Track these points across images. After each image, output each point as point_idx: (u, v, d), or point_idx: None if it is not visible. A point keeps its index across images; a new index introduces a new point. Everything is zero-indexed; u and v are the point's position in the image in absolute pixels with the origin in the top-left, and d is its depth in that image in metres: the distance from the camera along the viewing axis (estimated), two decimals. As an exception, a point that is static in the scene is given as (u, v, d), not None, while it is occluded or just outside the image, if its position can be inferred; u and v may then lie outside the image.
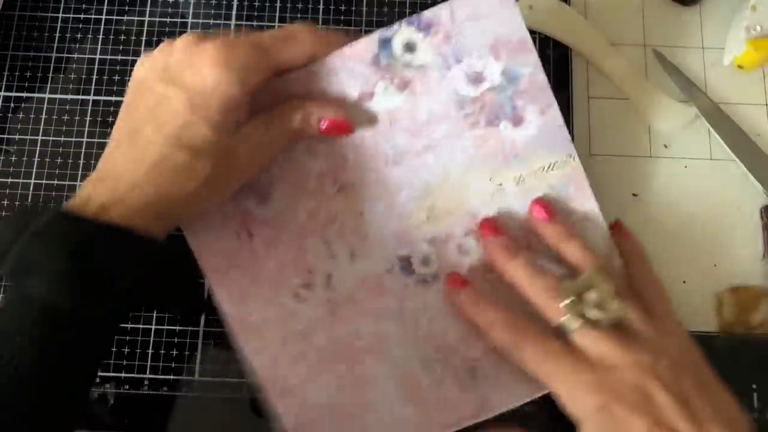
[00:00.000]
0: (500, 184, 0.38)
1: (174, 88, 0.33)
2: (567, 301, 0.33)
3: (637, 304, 0.34)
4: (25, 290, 0.30)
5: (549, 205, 0.37)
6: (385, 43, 0.37)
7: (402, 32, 0.37)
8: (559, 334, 0.34)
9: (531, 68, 0.38)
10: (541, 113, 0.38)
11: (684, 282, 0.41)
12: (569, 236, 0.36)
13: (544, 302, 0.35)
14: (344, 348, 0.38)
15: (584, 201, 0.38)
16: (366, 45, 0.37)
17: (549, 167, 0.38)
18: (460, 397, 0.37)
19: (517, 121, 0.38)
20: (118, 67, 0.45)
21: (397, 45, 0.37)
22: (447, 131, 0.39)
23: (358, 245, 0.39)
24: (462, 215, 0.39)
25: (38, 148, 0.43)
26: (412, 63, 0.37)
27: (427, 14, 0.37)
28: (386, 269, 0.39)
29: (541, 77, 0.38)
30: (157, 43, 0.45)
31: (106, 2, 0.46)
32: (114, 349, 0.41)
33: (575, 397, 0.33)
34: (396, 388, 0.37)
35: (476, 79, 0.38)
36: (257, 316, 0.37)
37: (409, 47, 0.37)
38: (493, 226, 0.37)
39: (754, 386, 0.39)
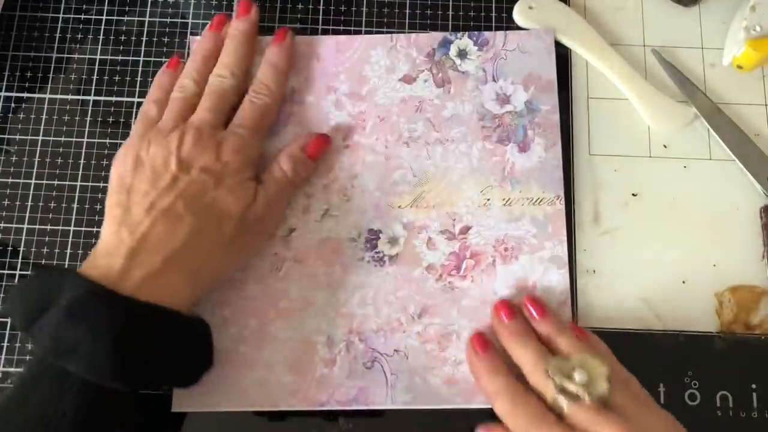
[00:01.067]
0: (488, 199, 0.41)
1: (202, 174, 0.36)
2: (557, 380, 0.33)
3: (625, 388, 0.35)
4: (61, 370, 0.31)
5: (540, 304, 0.38)
6: (446, 43, 0.44)
7: (462, 40, 0.44)
8: (554, 408, 0.34)
9: (550, 107, 0.43)
10: (545, 149, 0.42)
11: (684, 282, 0.41)
12: (559, 330, 0.37)
13: (543, 384, 0.35)
14: (265, 305, 0.39)
15: (557, 243, 0.41)
16: (430, 38, 0.44)
17: (537, 201, 0.41)
18: (342, 382, 0.38)
19: (523, 147, 0.42)
20: (118, 68, 0.45)
21: (454, 48, 0.44)
22: (463, 133, 0.42)
23: (337, 205, 0.41)
24: (444, 214, 0.41)
25: (38, 148, 0.43)
26: (458, 67, 0.44)
27: (487, 34, 0.44)
28: (351, 237, 0.40)
29: (555, 117, 0.43)
30: (158, 44, 0.45)
31: (106, 2, 0.46)
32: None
33: None
34: (291, 352, 0.38)
35: (503, 100, 0.43)
36: None
37: (462, 54, 0.44)
38: (508, 309, 0.38)
39: (754, 386, 0.39)
